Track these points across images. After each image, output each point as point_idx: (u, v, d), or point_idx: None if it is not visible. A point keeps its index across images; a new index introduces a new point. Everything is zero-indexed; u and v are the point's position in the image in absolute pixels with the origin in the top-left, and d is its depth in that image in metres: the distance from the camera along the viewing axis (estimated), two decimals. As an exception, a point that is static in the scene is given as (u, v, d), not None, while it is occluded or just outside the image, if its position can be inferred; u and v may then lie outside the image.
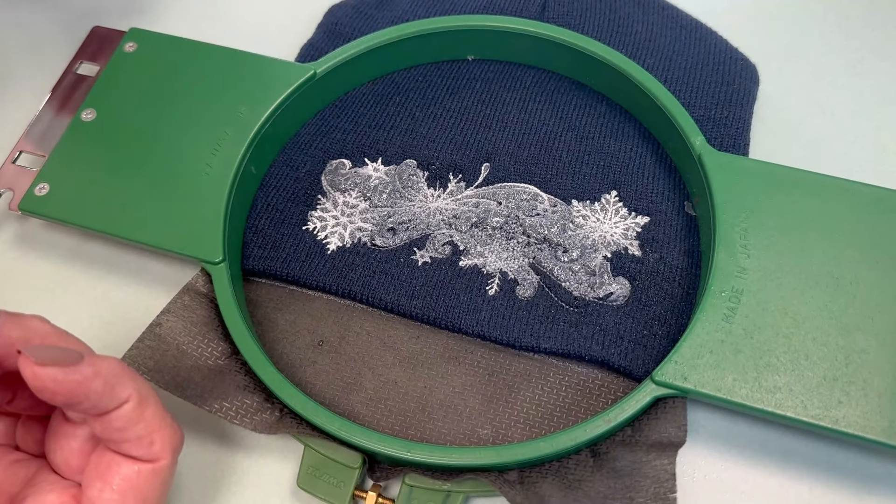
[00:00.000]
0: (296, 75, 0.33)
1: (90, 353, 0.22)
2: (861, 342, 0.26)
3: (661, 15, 0.36)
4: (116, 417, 0.22)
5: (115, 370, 0.22)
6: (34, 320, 0.22)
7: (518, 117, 0.34)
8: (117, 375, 0.21)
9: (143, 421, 0.22)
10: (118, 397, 0.21)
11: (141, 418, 0.22)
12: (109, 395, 0.21)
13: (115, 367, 0.22)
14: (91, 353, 0.22)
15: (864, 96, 0.36)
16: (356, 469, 0.26)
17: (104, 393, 0.21)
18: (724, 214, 0.28)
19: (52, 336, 0.22)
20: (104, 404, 0.21)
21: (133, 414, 0.22)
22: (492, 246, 0.31)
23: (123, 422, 0.22)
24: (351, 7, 0.38)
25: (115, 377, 0.21)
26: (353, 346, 0.30)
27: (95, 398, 0.21)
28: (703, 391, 0.25)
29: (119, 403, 0.22)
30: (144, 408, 0.22)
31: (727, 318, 0.27)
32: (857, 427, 0.25)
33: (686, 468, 0.27)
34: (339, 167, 0.33)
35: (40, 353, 0.20)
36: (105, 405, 0.21)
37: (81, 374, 0.20)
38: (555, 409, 0.28)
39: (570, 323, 0.29)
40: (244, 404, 0.27)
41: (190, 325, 0.29)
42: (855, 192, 0.29)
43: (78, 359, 0.21)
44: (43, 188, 0.31)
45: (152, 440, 0.22)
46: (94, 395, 0.21)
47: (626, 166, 0.32)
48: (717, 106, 0.33)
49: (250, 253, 0.31)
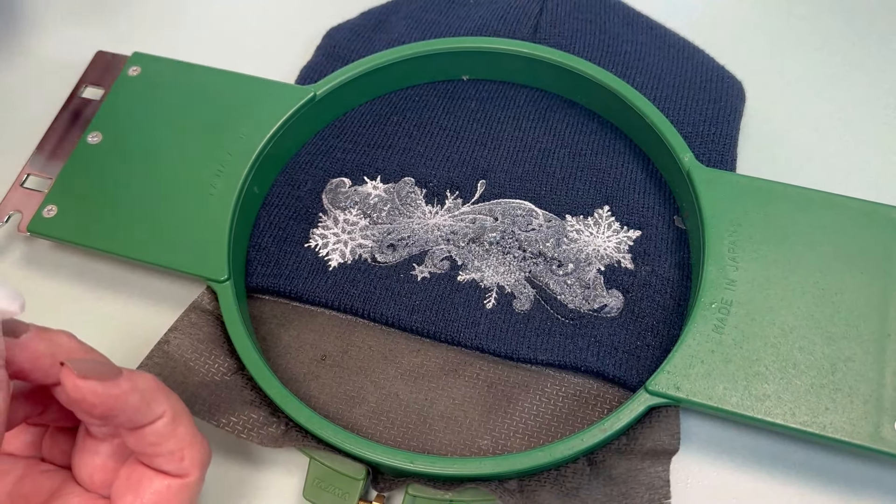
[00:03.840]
0: (296, 97, 0.34)
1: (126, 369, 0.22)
2: (846, 350, 0.27)
3: (649, 35, 0.37)
4: (150, 432, 0.22)
5: (151, 386, 0.22)
6: (62, 336, 0.22)
7: (512, 135, 0.35)
8: (153, 391, 0.22)
9: (175, 437, 0.22)
10: (153, 412, 0.22)
11: (173, 434, 0.22)
12: (145, 409, 0.22)
13: (150, 383, 0.22)
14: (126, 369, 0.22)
15: (848, 110, 0.37)
16: (360, 480, 0.27)
17: (140, 407, 0.21)
18: (713, 228, 0.29)
19: (78, 352, 0.22)
20: (139, 419, 0.22)
21: (166, 430, 0.22)
22: (489, 261, 0.32)
23: (157, 437, 0.22)
24: (349, 30, 0.39)
25: (151, 393, 0.22)
26: (355, 360, 0.31)
27: (132, 412, 0.21)
28: (694, 400, 0.26)
29: (154, 419, 0.22)
30: (177, 424, 0.22)
31: (717, 329, 0.27)
32: (844, 433, 0.26)
33: (680, 475, 0.28)
34: (339, 186, 0.34)
35: (82, 366, 0.20)
36: (140, 420, 0.22)
37: (120, 389, 0.21)
38: (552, 418, 0.29)
39: (566, 335, 0.30)
40: (250, 419, 0.28)
41: (197, 342, 0.29)
42: (839, 205, 0.30)
43: (117, 373, 0.21)
44: (51, 210, 0.32)
45: (183, 456, 0.23)
46: (130, 409, 0.21)
47: (618, 182, 0.33)
48: (705, 123, 0.34)
49: (254, 270, 0.32)
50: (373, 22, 0.39)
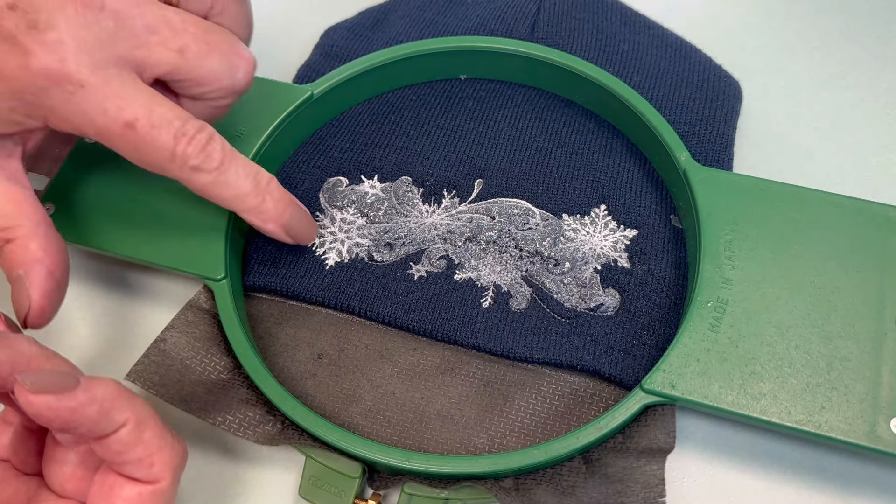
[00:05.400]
0: (294, 96, 0.34)
1: (86, 377, 0.21)
2: (842, 349, 0.27)
3: (646, 34, 0.37)
4: (114, 441, 0.22)
5: (111, 394, 0.21)
6: (22, 342, 0.22)
7: (509, 134, 0.35)
8: (113, 399, 0.21)
9: (141, 443, 0.22)
10: (115, 421, 0.21)
11: (139, 441, 0.22)
12: (106, 419, 0.21)
13: (111, 391, 0.22)
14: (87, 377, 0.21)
15: (846, 110, 0.37)
16: (356, 478, 0.27)
17: (100, 418, 0.21)
18: (709, 227, 0.29)
19: (38, 358, 0.22)
20: (101, 429, 0.21)
21: (130, 437, 0.22)
22: (485, 260, 0.32)
23: (121, 445, 0.22)
24: (347, 29, 0.39)
25: (111, 401, 0.21)
26: (351, 358, 0.31)
27: (91, 423, 0.21)
28: (690, 399, 0.26)
29: (116, 427, 0.22)
30: (142, 430, 0.22)
31: (713, 328, 0.27)
32: (840, 431, 0.25)
33: (676, 473, 0.28)
34: (336, 185, 0.34)
35: (35, 380, 0.20)
36: (102, 430, 0.21)
37: (76, 401, 0.20)
38: (548, 417, 0.29)
39: (563, 333, 0.30)
40: (247, 417, 0.28)
41: (193, 340, 0.30)
42: (835, 204, 0.30)
43: (73, 384, 0.21)
44: (49, 209, 0.32)
45: (152, 462, 0.22)
46: (89, 420, 0.21)
47: (615, 181, 0.33)
48: (702, 122, 0.34)
49: (251, 269, 0.32)
50: (370, 21, 0.39)
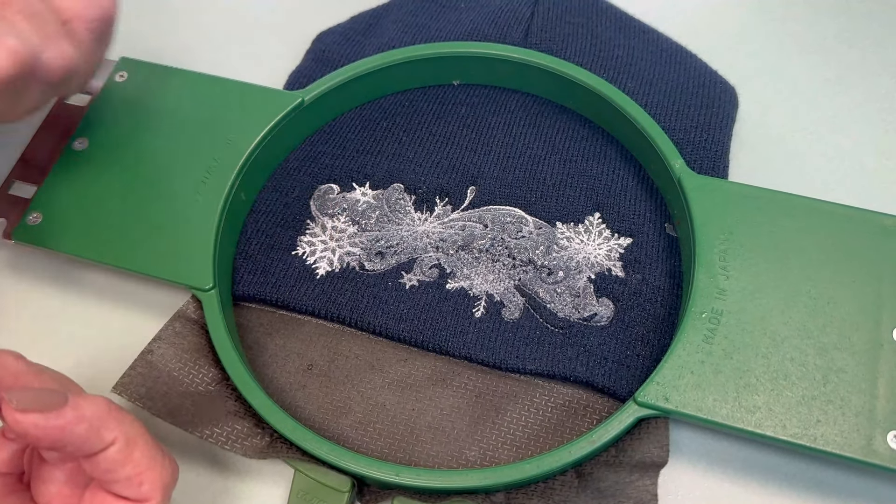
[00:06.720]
0: (284, 103, 0.34)
1: (76, 394, 0.21)
2: (838, 361, 0.27)
3: (641, 39, 0.37)
4: (103, 459, 0.21)
5: (101, 412, 0.21)
6: (8, 357, 0.22)
7: (503, 141, 0.35)
8: (102, 418, 0.21)
9: (130, 462, 0.22)
10: (104, 440, 0.21)
11: (129, 460, 0.22)
12: (95, 438, 0.21)
13: (100, 409, 0.21)
14: (77, 393, 0.21)
15: (842, 115, 0.36)
16: (345, 493, 0.26)
17: (88, 436, 0.21)
18: (704, 236, 0.29)
19: (25, 374, 0.22)
20: (89, 447, 0.21)
21: (120, 456, 0.22)
22: (478, 268, 0.32)
23: (110, 464, 0.21)
24: (339, 34, 0.39)
25: (100, 420, 0.21)
26: (342, 369, 0.30)
27: (79, 442, 0.21)
28: (684, 412, 0.26)
29: (105, 446, 0.21)
30: (132, 449, 0.22)
31: (707, 339, 0.27)
32: (836, 445, 0.25)
33: (669, 486, 0.28)
34: (327, 192, 0.34)
35: (23, 397, 0.20)
36: (90, 448, 0.21)
37: (65, 419, 0.20)
38: (541, 429, 0.29)
39: (556, 344, 0.30)
40: (234, 430, 0.27)
41: (181, 351, 0.29)
42: (831, 213, 0.29)
43: (62, 402, 0.20)
44: (36, 217, 0.32)
45: (141, 481, 0.22)
46: (77, 438, 0.21)
47: (609, 188, 0.33)
48: (697, 129, 0.33)
49: (241, 278, 0.32)
50: (363, 26, 0.39)
